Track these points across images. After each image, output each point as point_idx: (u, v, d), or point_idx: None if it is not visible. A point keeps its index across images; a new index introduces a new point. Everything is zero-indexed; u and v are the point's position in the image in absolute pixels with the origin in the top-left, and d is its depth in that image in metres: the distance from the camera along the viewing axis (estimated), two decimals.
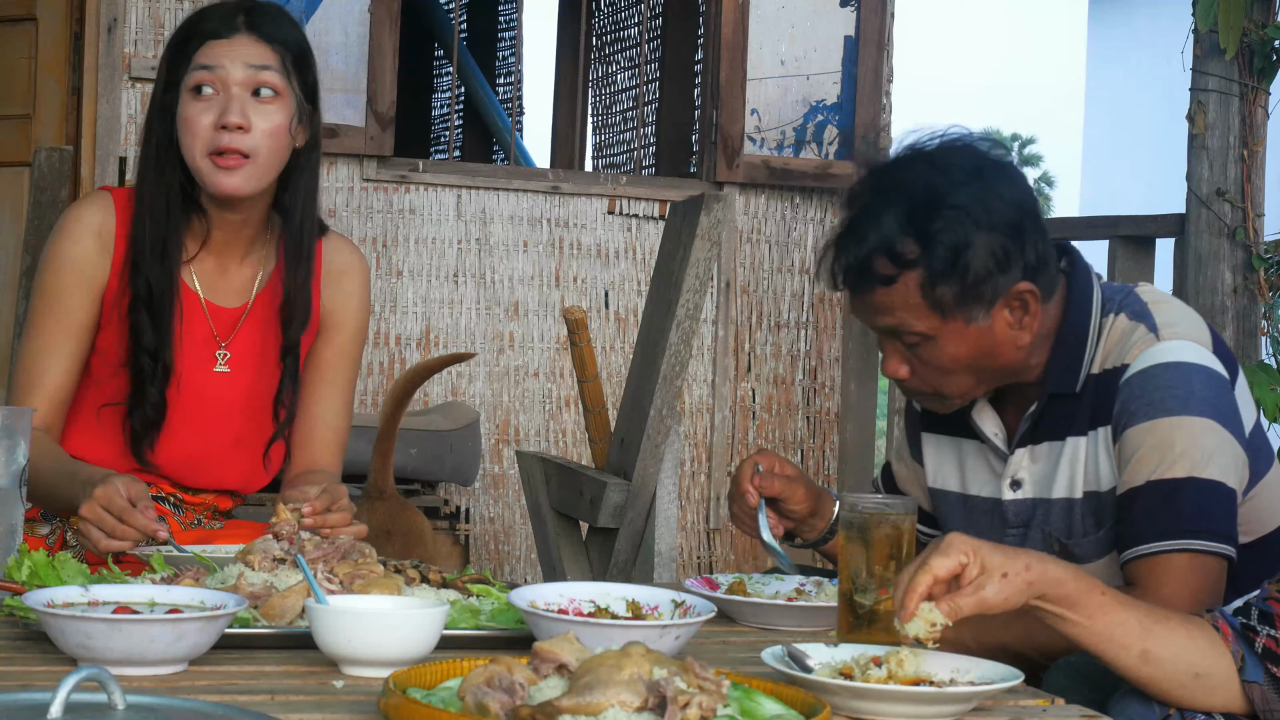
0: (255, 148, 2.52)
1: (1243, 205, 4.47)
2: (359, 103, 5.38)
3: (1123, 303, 2.34)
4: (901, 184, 2.30)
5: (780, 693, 1.62)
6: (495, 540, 5.72)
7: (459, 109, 8.35)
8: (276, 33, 2.57)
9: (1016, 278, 2.27)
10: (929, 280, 2.25)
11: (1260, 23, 4.43)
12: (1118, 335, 2.32)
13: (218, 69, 2.52)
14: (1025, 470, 2.39)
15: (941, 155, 2.32)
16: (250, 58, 2.53)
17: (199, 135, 2.52)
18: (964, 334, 2.28)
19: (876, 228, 2.27)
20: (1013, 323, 2.29)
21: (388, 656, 1.78)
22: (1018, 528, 2.40)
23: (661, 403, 3.41)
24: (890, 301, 2.28)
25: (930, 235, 2.24)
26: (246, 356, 2.64)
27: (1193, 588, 2.15)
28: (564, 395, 5.77)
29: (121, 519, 2.22)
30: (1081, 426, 2.32)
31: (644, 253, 5.82)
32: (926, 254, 2.25)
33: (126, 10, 5.33)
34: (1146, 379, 2.25)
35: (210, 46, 2.55)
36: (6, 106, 5.63)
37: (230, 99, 2.52)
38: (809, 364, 6.02)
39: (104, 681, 1.40)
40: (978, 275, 2.25)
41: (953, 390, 2.35)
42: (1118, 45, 14.13)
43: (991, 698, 1.80)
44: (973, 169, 2.28)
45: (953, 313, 2.27)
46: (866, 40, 5.96)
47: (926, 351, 2.30)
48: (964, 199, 2.25)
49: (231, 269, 2.64)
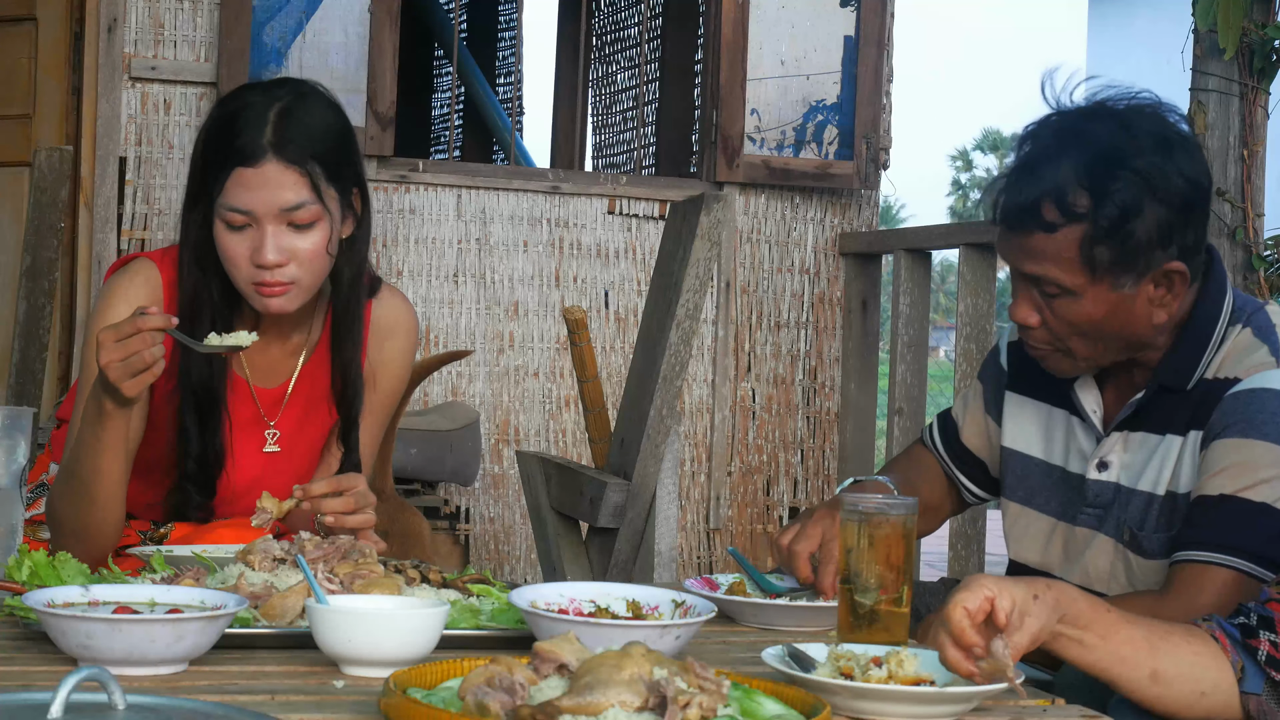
0: (297, 276, 2.46)
1: (1243, 205, 4.47)
2: (359, 103, 5.38)
3: (1252, 317, 2.34)
4: (1086, 135, 2.28)
5: (780, 693, 1.62)
6: (495, 540, 5.72)
7: (459, 109, 8.35)
8: (307, 147, 2.46)
9: (1173, 255, 2.26)
10: (1091, 236, 2.25)
11: (1260, 23, 4.42)
12: (1239, 348, 2.31)
13: (249, 212, 2.43)
14: (1115, 454, 2.39)
15: (1131, 115, 2.29)
16: (280, 197, 2.43)
17: (239, 266, 2.46)
18: (1106, 297, 2.28)
19: (1053, 172, 2.26)
20: (1155, 299, 2.29)
21: (388, 656, 1.78)
22: (1096, 508, 2.40)
23: (661, 403, 3.41)
24: (1045, 249, 2.27)
25: (1105, 192, 2.23)
26: (296, 434, 2.62)
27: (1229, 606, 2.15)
28: (564, 395, 5.77)
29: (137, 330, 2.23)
30: (1180, 426, 2.32)
31: (644, 253, 5.82)
32: (1096, 210, 2.24)
33: (126, 10, 5.33)
34: (1253, 399, 2.24)
35: (239, 178, 2.44)
36: (6, 106, 5.63)
37: (264, 235, 2.43)
38: (809, 364, 6.02)
39: (104, 681, 1.40)
40: (1139, 243, 2.24)
41: (1079, 350, 2.34)
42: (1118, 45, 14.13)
43: (991, 698, 1.80)
44: (1160, 137, 2.27)
45: (1104, 274, 2.26)
46: (866, 40, 5.96)
47: (1063, 306, 2.30)
48: (1145, 165, 2.24)
49: (274, 346, 2.60)
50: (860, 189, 6.01)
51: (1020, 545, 2.52)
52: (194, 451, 2.53)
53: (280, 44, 5.37)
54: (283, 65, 5.35)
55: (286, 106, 2.48)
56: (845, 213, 6.04)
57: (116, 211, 5.32)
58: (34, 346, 4.02)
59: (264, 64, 5.35)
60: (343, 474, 2.43)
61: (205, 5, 5.37)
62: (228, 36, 5.32)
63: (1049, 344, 2.35)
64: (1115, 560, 2.37)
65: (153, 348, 2.25)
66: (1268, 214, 4.59)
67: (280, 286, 2.45)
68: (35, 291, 4.02)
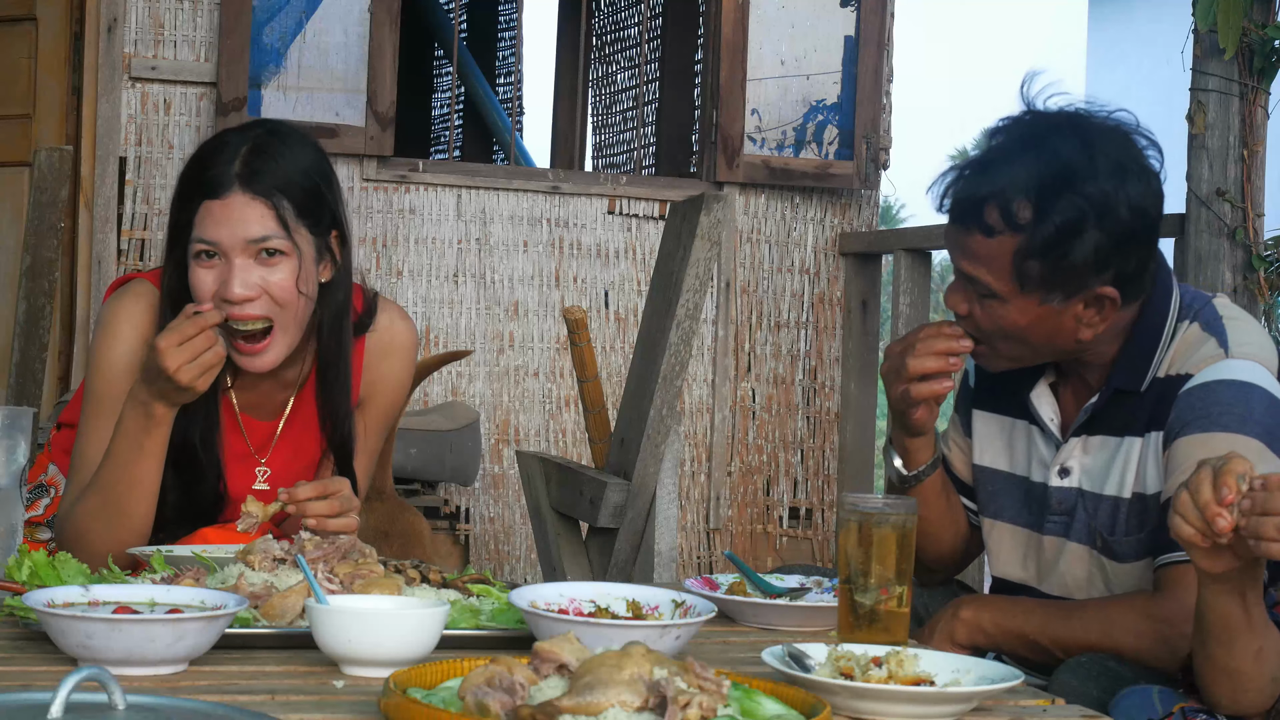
0: (269, 312, 2.43)
1: (1243, 205, 4.47)
2: (359, 103, 5.38)
3: (1199, 312, 2.33)
4: (1047, 146, 2.27)
5: (780, 693, 1.62)
6: (495, 540, 5.72)
7: (459, 109, 8.35)
8: (275, 182, 2.43)
9: (1107, 280, 2.26)
10: (1025, 249, 2.24)
11: (1260, 23, 4.42)
12: (1188, 344, 2.31)
13: (215, 244, 2.41)
14: (1076, 460, 2.38)
15: (1097, 136, 2.27)
16: (247, 228, 2.41)
17: (206, 302, 2.43)
18: (1033, 310, 2.28)
19: (1004, 176, 2.26)
20: (1083, 318, 2.29)
21: (388, 656, 1.78)
22: (1061, 515, 2.39)
23: (661, 403, 3.40)
24: (980, 251, 2.28)
25: (1048, 209, 2.22)
26: (285, 470, 2.60)
27: None
28: (564, 395, 5.77)
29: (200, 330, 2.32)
30: (1139, 428, 2.32)
31: (644, 253, 5.82)
32: (1035, 224, 2.23)
33: (126, 10, 5.33)
34: (1207, 393, 2.24)
35: (206, 210, 2.42)
36: (6, 106, 5.63)
37: (231, 269, 2.41)
38: (809, 364, 6.02)
39: (104, 681, 1.40)
40: (1073, 265, 2.24)
41: (1003, 350, 2.35)
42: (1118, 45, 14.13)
43: (991, 698, 1.80)
44: (1118, 163, 2.25)
45: (1033, 288, 2.26)
46: (866, 40, 5.96)
47: (990, 307, 2.30)
48: (1095, 190, 2.23)
49: (265, 381, 2.57)
50: (860, 189, 6.01)
51: (998, 561, 2.52)
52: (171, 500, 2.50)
53: (280, 44, 5.37)
54: (282, 65, 5.35)
55: (258, 144, 2.46)
56: (845, 213, 6.04)
57: (116, 211, 5.32)
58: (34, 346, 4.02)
59: (264, 64, 5.35)
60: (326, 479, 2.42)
61: (205, 5, 5.37)
62: (228, 36, 5.32)
63: (976, 335, 2.36)
64: (1091, 567, 2.37)
65: (216, 344, 2.35)
66: (1268, 214, 4.59)
67: (255, 342, 2.43)
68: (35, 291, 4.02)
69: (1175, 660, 2.18)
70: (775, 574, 2.43)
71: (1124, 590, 2.33)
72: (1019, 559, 2.48)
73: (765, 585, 2.34)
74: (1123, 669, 2.18)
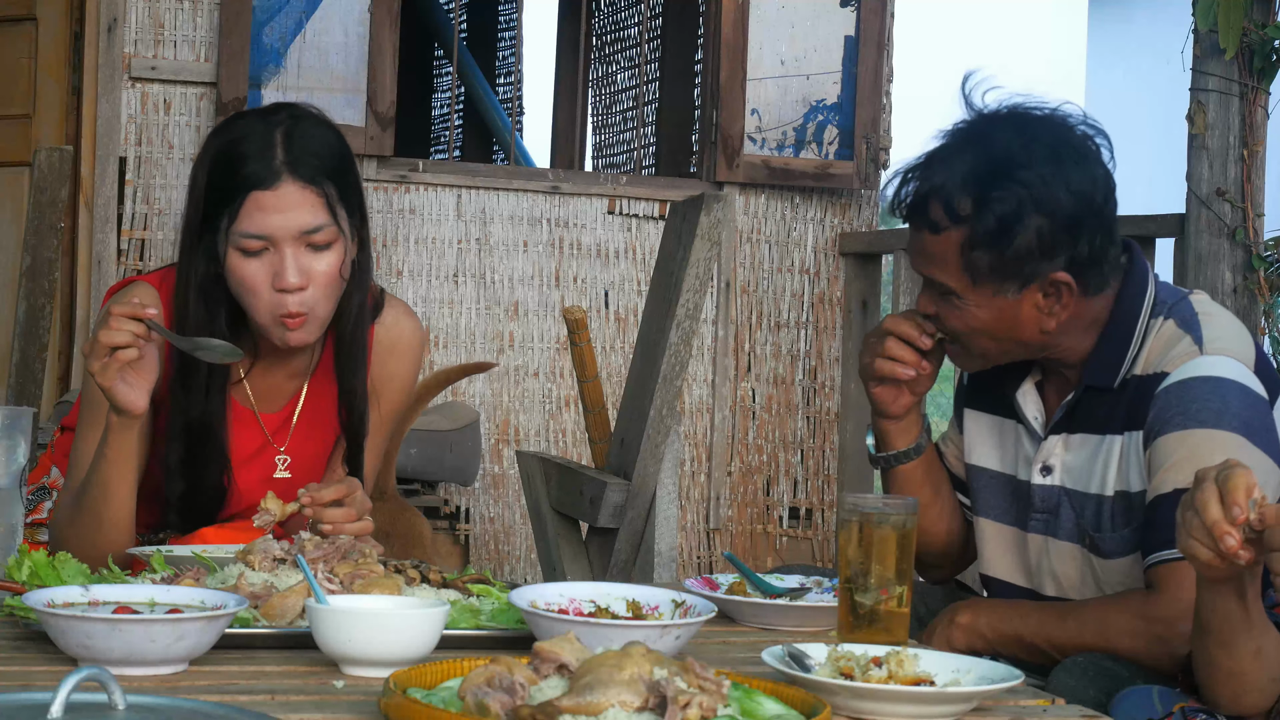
0: (316, 301, 2.42)
1: (1243, 205, 4.47)
2: (359, 103, 5.38)
3: (1174, 308, 2.34)
4: (985, 140, 2.31)
5: (780, 693, 1.62)
6: (495, 540, 5.72)
7: (459, 109, 8.34)
8: (320, 165, 2.41)
9: (1058, 266, 2.28)
10: (970, 242, 2.27)
11: (1260, 23, 4.42)
12: (1163, 341, 2.31)
13: (268, 236, 2.39)
14: (1057, 457, 2.40)
15: (1033, 124, 2.31)
16: (300, 218, 2.39)
17: (260, 295, 2.40)
18: (989, 303, 2.31)
19: (944, 173, 2.30)
20: (1042, 307, 2.31)
21: (388, 656, 1.78)
22: (1043, 513, 2.41)
23: (661, 403, 3.40)
24: (932, 250, 2.31)
25: (987, 200, 2.26)
26: (304, 456, 2.60)
27: None
28: (564, 395, 5.77)
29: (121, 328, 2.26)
30: (1118, 426, 2.33)
31: (644, 253, 5.82)
32: (976, 216, 2.26)
33: (126, 10, 5.33)
34: (1183, 390, 2.24)
35: (256, 202, 2.38)
36: (6, 106, 5.63)
37: (284, 258, 2.38)
38: (809, 364, 6.02)
39: (104, 681, 1.40)
40: (1018, 253, 2.26)
41: (973, 347, 2.38)
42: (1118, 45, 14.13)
43: (991, 698, 1.80)
44: (1051, 149, 2.28)
45: (984, 280, 2.29)
46: (866, 40, 5.96)
47: (951, 305, 2.33)
48: (1031, 177, 2.25)
49: (276, 371, 2.57)
50: (860, 189, 6.01)
51: (987, 560, 2.52)
52: (177, 489, 2.50)
53: (280, 44, 5.37)
54: (282, 65, 5.36)
55: (289, 130, 2.43)
56: (845, 213, 6.04)
57: (116, 211, 5.32)
58: (34, 346, 4.02)
59: (264, 64, 5.35)
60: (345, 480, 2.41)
61: (205, 5, 5.37)
62: (228, 36, 5.32)
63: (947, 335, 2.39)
64: (1083, 566, 2.37)
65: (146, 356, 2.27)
66: (1268, 214, 4.59)
67: (299, 316, 2.41)
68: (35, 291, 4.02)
69: (1172, 659, 2.18)
70: (775, 574, 2.43)
71: (1114, 587, 2.33)
72: (1005, 557, 2.49)
73: (765, 585, 2.34)
74: (1119, 668, 2.18)
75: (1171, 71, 5.06)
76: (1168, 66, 5.07)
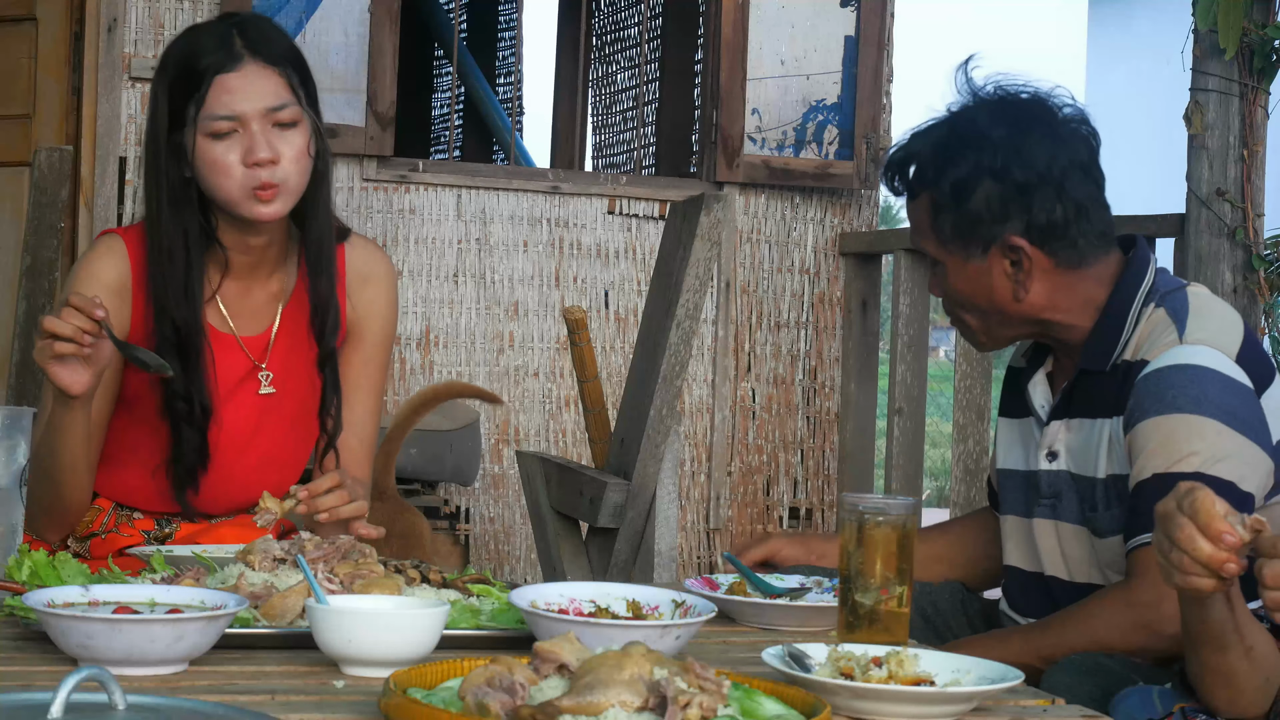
0: (286, 176, 2.50)
1: (1243, 205, 4.47)
2: (359, 103, 5.38)
3: (1167, 296, 2.38)
4: (962, 114, 2.43)
5: (780, 693, 1.62)
6: (495, 540, 5.72)
7: (459, 109, 8.34)
8: (278, 50, 2.52)
9: (1015, 231, 2.37)
10: (935, 205, 2.40)
11: (1260, 23, 4.42)
12: (1150, 328, 2.36)
13: (237, 116, 2.47)
14: (1061, 442, 2.43)
15: (1006, 99, 2.43)
16: (266, 95, 2.48)
17: (233, 176, 2.48)
18: (964, 269, 2.41)
19: (918, 141, 2.44)
20: (1010, 274, 2.39)
21: (388, 656, 1.78)
22: (1049, 498, 2.44)
23: (661, 403, 3.40)
24: (913, 218, 2.45)
25: (945, 165, 2.38)
26: (287, 373, 2.64)
27: None
28: (564, 395, 5.77)
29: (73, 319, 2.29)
30: (1108, 410, 2.37)
31: (644, 253, 5.82)
32: (937, 179, 2.39)
33: (126, 10, 5.33)
34: (1160, 378, 2.28)
35: (221, 84, 2.48)
36: (6, 106, 5.62)
37: (253, 135, 2.47)
38: (809, 364, 6.02)
39: (104, 681, 1.40)
40: (975, 215, 2.37)
41: (970, 323, 2.47)
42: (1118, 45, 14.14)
43: (991, 698, 1.80)
44: (1014, 119, 2.39)
45: (950, 245, 2.41)
46: (866, 40, 5.95)
47: (939, 276, 2.46)
48: (988, 144, 2.36)
49: (255, 291, 2.62)
50: (860, 189, 6.01)
51: (1008, 552, 2.55)
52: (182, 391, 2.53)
53: None
54: None
55: (243, 23, 2.54)
56: (845, 213, 6.04)
57: (116, 211, 5.32)
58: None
59: None
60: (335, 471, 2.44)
61: (205, 5, 5.37)
62: None
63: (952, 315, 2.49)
64: (1089, 548, 2.40)
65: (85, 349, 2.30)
66: (1268, 214, 4.59)
67: (271, 189, 2.48)
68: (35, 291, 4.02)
69: (1161, 644, 2.19)
70: (775, 574, 2.43)
71: (1113, 566, 2.35)
72: (1017, 547, 2.53)
73: (765, 585, 2.34)
74: (1113, 663, 2.19)
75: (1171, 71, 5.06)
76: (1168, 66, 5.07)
